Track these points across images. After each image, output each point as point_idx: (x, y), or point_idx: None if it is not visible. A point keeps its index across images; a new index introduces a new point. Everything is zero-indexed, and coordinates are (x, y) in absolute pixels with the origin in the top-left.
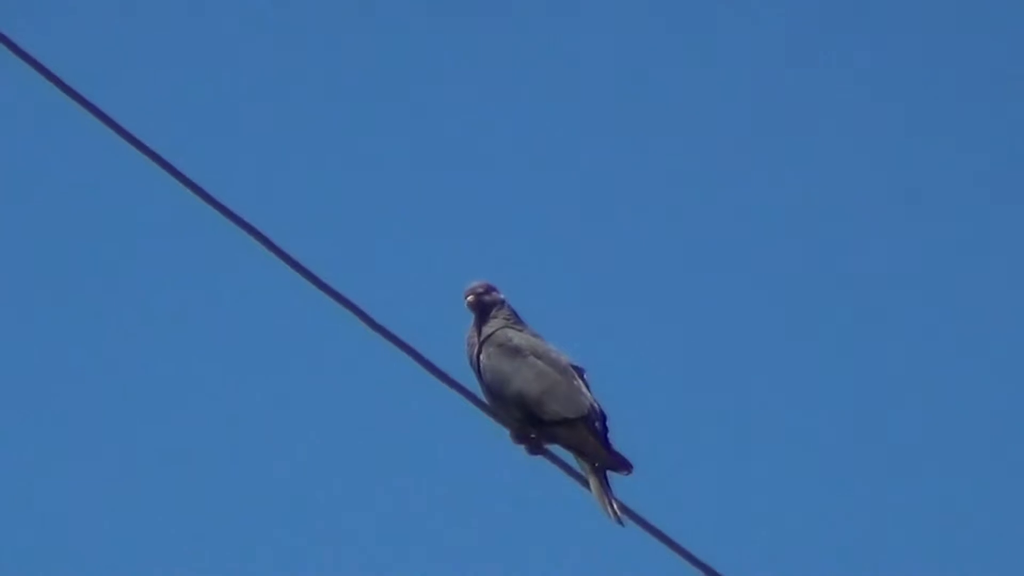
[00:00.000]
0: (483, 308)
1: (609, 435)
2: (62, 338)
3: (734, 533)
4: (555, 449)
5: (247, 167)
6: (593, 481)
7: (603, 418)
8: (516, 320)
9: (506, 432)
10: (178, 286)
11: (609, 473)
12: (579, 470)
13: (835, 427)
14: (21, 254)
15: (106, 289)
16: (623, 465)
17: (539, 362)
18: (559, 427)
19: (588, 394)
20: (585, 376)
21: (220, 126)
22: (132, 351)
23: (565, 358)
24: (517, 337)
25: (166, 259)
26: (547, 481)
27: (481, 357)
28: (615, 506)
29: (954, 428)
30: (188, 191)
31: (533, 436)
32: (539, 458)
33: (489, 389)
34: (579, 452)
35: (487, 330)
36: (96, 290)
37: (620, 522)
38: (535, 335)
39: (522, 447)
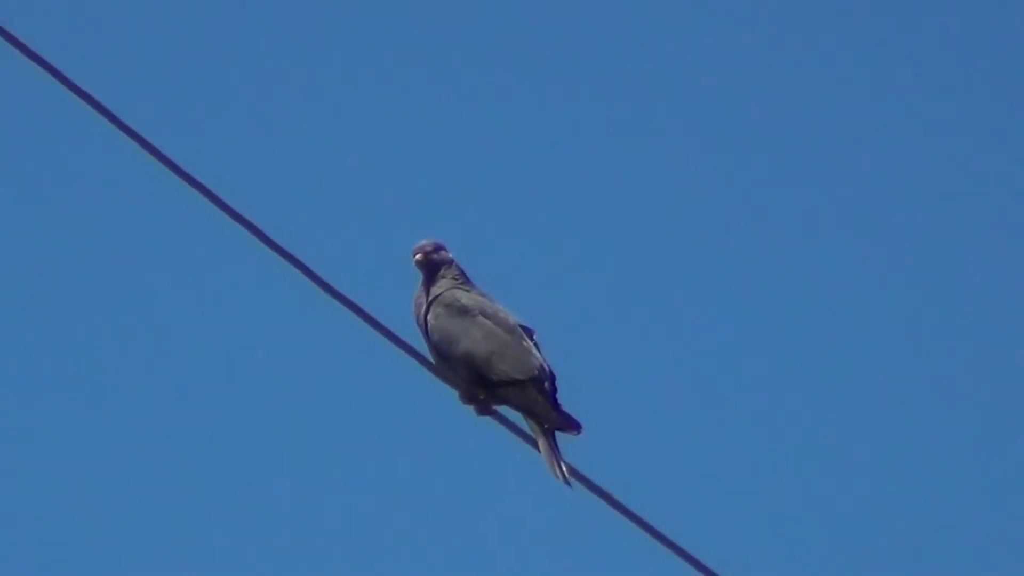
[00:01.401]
0: (432, 267)
1: (558, 396)
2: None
3: (682, 495)
4: (504, 410)
5: (194, 120)
6: (542, 442)
7: (552, 379)
8: (465, 280)
9: (454, 393)
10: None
11: (558, 434)
12: (528, 431)
13: (788, 389)
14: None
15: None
16: (572, 426)
17: (488, 322)
18: (508, 388)
19: (537, 355)
20: (535, 337)
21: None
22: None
23: (514, 318)
24: (465, 297)
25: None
26: (496, 442)
27: (429, 317)
28: (563, 467)
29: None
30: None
31: (482, 397)
32: (488, 419)
33: (437, 349)
34: (528, 413)
35: (435, 290)
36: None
37: (568, 483)
38: (484, 295)
39: (471, 408)
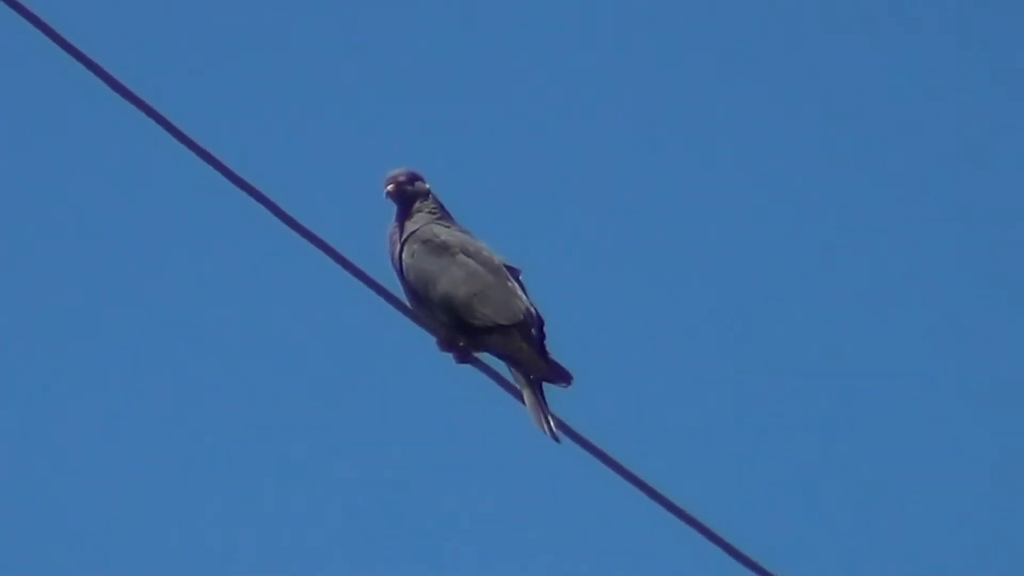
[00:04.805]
0: (405, 199)
1: (546, 343)
2: None
3: (678, 451)
4: (486, 357)
5: (154, 50)
6: (527, 393)
7: (540, 324)
8: (443, 214)
9: (432, 339)
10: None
11: (545, 385)
12: (512, 381)
13: (792, 336)
14: None
15: None
16: (561, 376)
17: (469, 261)
18: (490, 334)
19: (524, 297)
20: (520, 278)
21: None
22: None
23: (499, 257)
24: (444, 233)
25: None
26: (477, 393)
27: (404, 255)
28: (551, 421)
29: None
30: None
31: (462, 343)
32: (468, 367)
33: (413, 291)
34: (512, 361)
35: (411, 225)
36: None
37: (556, 438)
38: (465, 231)
39: (450, 355)
